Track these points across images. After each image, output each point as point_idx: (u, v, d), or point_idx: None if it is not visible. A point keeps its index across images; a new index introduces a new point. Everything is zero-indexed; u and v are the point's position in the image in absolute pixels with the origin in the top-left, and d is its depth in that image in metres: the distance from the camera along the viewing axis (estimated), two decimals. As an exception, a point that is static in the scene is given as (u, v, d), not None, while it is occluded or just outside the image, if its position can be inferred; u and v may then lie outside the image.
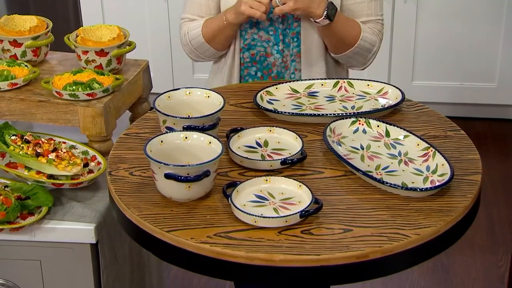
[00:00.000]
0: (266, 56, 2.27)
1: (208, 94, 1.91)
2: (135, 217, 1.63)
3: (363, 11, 2.26)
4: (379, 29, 2.29)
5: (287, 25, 2.24)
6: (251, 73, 2.30)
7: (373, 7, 2.27)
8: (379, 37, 2.28)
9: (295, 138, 1.85)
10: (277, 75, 2.29)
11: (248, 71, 2.30)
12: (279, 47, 2.25)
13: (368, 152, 1.84)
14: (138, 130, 1.95)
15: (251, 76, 2.30)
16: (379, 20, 2.29)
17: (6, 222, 1.92)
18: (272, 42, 2.25)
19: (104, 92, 2.07)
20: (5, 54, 2.24)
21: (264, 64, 2.28)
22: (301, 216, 1.60)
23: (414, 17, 3.81)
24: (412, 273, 3.02)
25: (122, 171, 1.78)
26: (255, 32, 2.26)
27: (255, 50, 2.27)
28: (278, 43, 2.25)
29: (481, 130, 3.93)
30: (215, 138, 1.73)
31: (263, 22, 2.23)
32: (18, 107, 2.10)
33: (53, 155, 2.00)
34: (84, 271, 2.01)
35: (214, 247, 1.53)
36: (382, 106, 2.02)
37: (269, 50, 2.26)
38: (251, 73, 2.30)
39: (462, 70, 3.89)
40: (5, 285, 2.05)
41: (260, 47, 2.26)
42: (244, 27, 2.25)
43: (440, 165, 1.75)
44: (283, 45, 2.25)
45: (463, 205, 1.65)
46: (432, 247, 1.61)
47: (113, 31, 2.24)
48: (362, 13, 2.26)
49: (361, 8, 2.26)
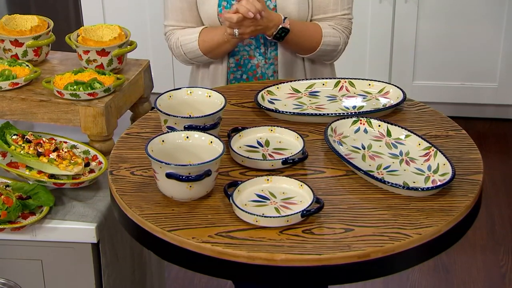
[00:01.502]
0: (250, 59, 2.31)
1: (209, 93, 1.91)
2: (137, 216, 1.63)
3: (328, 6, 2.30)
4: (345, 25, 2.32)
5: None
6: (237, 77, 2.34)
7: (339, 2, 2.30)
8: (344, 33, 2.31)
9: (296, 138, 1.85)
10: (262, 76, 2.32)
11: (234, 75, 2.34)
12: (260, 50, 2.30)
13: (370, 151, 1.84)
14: (139, 130, 1.95)
15: (237, 79, 2.34)
16: (345, 16, 2.32)
17: (7, 222, 1.92)
18: (253, 45, 2.30)
19: (105, 91, 2.07)
20: (6, 54, 2.24)
21: (248, 67, 2.32)
22: (302, 216, 1.60)
23: (415, 17, 3.80)
24: (413, 272, 3.02)
25: (123, 171, 1.78)
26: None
27: (239, 55, 2.31)
28: (260, 46, 2.30)
29: (482, 130, 3.93)
30: (216, 138, 1.73)
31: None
32: (19, 106, 2.10)
33: (54, 155, 2.00)
34: (85, 271, 2.01)
35: (216, 247, 1.53)
36: (384, 105, 2.02)
37: (251, 53, 2.31)
38: (237, 77, 2.34)
39: (463, 70, 3.89)
40: (6, 284, 2.05)
41: (243, 51, 2.31)
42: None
43: (441, 164, 1.75)
44: (264, 47, 2.30)
45: (464, 205, 1.65)
46: (433, 247, 1.61)
47: (114, 30, 2.24)
48: (328, 8, 2.30)
49: (327, 3, 2.29)
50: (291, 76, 2.32)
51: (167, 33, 2.36)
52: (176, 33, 2.32)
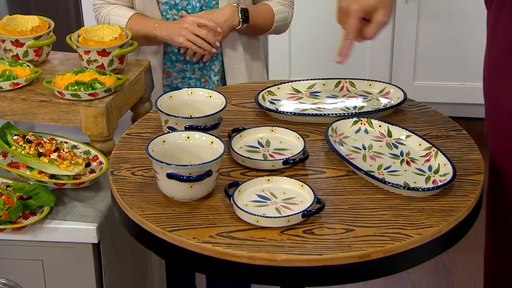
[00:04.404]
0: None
1: (210, 94, 1.91)
2: (137, 216, 1.63)
3: None
4: (290, 0, 2.48)
5: (204, 3, 2.36)
6: (174, 50, 2.41)
7: None
8: (290, 7, 2.49)
9: (297, 138, 1.85)
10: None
11: (172, 48, 2.41)
12: None
13: (370, 152, 1.84)
14: (140, 130, 1.96)
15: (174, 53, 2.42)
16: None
17: (8, 222, 1.92)
18: None
19: (106, 92, 2.07)
20: (7, 54, 2.24)
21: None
22: (303, 216, 1.60)
23: (415, 17, 3.81)
24: (413, 273, 3.02)
25: (124, 171, 1.78)
26: (175, 13, 2.37)
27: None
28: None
29: (482, 130, 3.93)
30: (217, 138, 1.73)
31: (180, 2, 2.36)
32: (20, 107, 2.10)
33: (55, 155, 2.00)
34: (85, 271, 2.01)
35: (216, 247, 1.53)
36: (384, 106, 2.02)
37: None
38: (174, 50, 2.41)
39: (464, 70, 3.90)
40: (7, 284, 2.05)
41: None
42: (163, 8, 2.37)
43: (442, 165, 1.75)
44: None
45: (465, 205, 1.65)
46: (434, 247, 1.61)
47: (114, 31, 2.24)
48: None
49: None
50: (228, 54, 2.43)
51: (96, 6, 2.44)
52: (105, 9, 2.40)
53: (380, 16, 1.81)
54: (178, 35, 2.31)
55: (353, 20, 1.80)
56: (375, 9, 1.80)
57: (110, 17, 2.39)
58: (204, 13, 2.34)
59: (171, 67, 2.44)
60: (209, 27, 2.31)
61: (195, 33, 2.30)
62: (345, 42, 1.85)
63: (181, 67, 2.44)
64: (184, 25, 2.31)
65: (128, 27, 2.35)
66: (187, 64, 2.43)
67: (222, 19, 2.33)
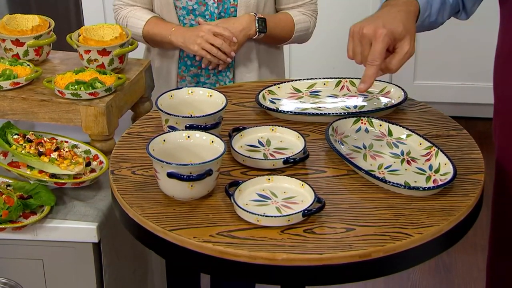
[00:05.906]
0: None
1: (210, 93, 1.91)
2: (138, 216, 1.63)
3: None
4: (313, 9, 2.45)
5: (223, 9, 2.34)
6: (189, 55, 2.40)
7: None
8: (313, 17, 2.45)
9: (297, 137, 1.85)
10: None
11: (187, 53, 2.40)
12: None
13: (371, 151, 1.84)
14: (140, 129, 1.96)
15: (189, 58, 2.41)
16: (312, 1, 2.44)
17: (8, 221, 1.92)
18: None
19: (106, 91, 2.07)
20: (7, 54, 2.24)
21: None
22: (303, 215, 1.60)
23: (416, 16, 3.80)
24: (414, 272, 3.03)
25: (124, 170, 1.78)
26: (193, 19, 2.36)
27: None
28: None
29: (483, 129, 3.93)
30: (217, 137, 1.73)
31: (198, 8, 2.34)
32: (20, 106, 2.10)
33: (55, 154, 2.00)
34: (86, 270, 2.01)
35: (217, 246, 1.53)
36: (385, 105, 2.02)
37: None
38: (189, 55, 2.40)
39: (464, 69, 3.89)
40: (8, 284, 2.05)
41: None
42: (181, 13, 2.36)
43: (442, 164, 1.75)
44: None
45: (465, 205, 1.65)
46: (435, 247, 1.61)
47: (115, 30, 2.24)
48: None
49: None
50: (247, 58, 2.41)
51: (116, 7, 2.43)
52: (124, 10, 2.39)
53: (407, 46, 1.68)
54: (193, 43, 2.30)
55: (380, 44, 1.66)
56: (402, 37, 1.68)
57: (129, 19, 2.38)
58: (220, 22, 2.32)
59: (185, 71, 2.42)
60: (225, 37, 2.29)
61: (210, 42, 2.28)
62: (370, 69, 1.70)
63: (196, 72, 2.42)
64: (199, 33, 2.29)
65: (145, 30, 2.35)
66: (202, 69, 2.41)
67: (238, 28, 2.31)
